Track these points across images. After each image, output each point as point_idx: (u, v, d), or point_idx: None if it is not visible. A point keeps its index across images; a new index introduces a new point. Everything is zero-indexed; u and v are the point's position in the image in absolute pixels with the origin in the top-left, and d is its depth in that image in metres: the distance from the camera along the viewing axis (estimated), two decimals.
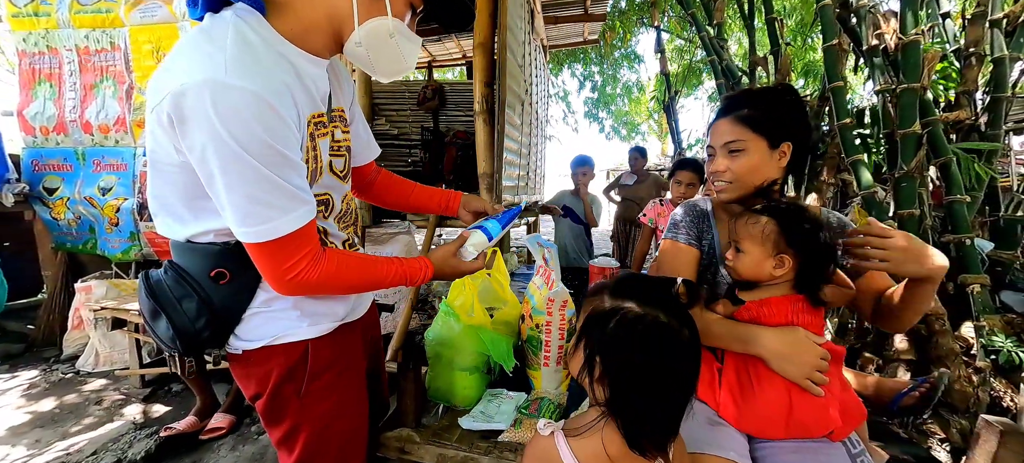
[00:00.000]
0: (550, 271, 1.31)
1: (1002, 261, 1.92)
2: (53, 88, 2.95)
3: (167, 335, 0.75)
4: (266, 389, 0.81)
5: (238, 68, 0.60)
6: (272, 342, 0.79)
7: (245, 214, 0.64)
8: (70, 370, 2.64)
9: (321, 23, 0.71)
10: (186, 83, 0.59)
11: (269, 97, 0.61)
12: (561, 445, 0.69)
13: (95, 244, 3.03)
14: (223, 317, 0.76)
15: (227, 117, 0.59)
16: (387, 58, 0.76)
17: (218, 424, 1.95)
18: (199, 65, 0.60)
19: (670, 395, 0.64)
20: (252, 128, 0.60)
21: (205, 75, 0.58)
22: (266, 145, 0.62)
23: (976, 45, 2.02)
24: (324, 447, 0.85)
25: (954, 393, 1.57)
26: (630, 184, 4.09)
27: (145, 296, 0.76)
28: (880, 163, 2.28)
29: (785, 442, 0.85)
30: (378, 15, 0.72)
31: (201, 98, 0.58)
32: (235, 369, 0.84)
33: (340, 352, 0.87)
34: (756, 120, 0.95)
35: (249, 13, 0.67)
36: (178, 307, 0.74)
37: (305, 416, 0.82)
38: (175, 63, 0.64)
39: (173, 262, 0.77)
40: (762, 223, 0.89)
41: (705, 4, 3.21)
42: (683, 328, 0.66)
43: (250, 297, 0.77)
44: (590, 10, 4.91)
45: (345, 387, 0.88)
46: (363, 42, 0.73)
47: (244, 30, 0.65)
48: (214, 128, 0.59)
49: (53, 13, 2.88)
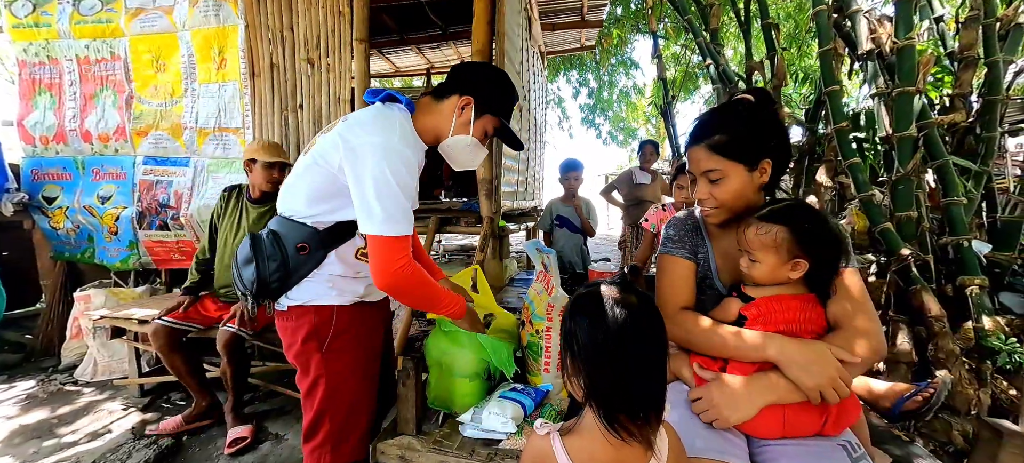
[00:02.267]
0: (550, 277, 1.31)
1: (1000, 263, 1.93)
2: (53, 98, 2.96)
3: (249, 279, 1.08)
4: (297, 340, 1.10)
5: (403, 139, 1.03)
6: (308, 302, 1.10)
7: (386, 218, 0.96)
8: (68, 380, 2.63)
9: (431, 130, 1.16)
10: (370, 140, 0.99)
11: (412, 158, 1.03)
12: (556, 445, 0.71)
13: (94, 253, 3.03)
14: (288, 277, 1.08)
15: (394, 164, 0.98)
16: (463, 159, 1.19)
17: (241, 435, 1.94)
18: (380, 132, 1.01)
19: (629, 362, 0.66)
20: (403, 173, 0.99)
21: (383, 139, 0.99)
22: (406, 184, 1.00)
23: (970, 48, 2.04)
24: (336, 405, 1.11)
25: (955, 395, 1.57)
26: (644, 183, 3.65)
27: (247, 248, 1.09)
28: (877, 166, 2.30)
29: (785, 444, 0.85)
30: (463, 134, 1.14)
31: (376, 149, 0.98)
32: (279, 322, 1.15)
33: (359, 321, 1.15)
34: (730, 147, 0.94)
35: (405, 113, 1.13)
36: (266, 261, 1.07)
37: (325, 369, 1.10)
38: (364, 125, 1.03)
39: (274, 231, 1.09)
40: (774, 231, 0.89)
41: (701, 10, 3.24)
42: (628, 294, 0.70)
43: (311, 268, 1.09)
44: (587, 17, 4.95)
45: (357, 350, 1.15)
46: (450, 147, 1.16)
47: (404, 122, 1.09)
48: (383, 167, 0.96)
49: (54, 23, 2.90)
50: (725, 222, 1.03)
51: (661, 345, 0.69)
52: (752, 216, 0.94)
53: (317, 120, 2.68)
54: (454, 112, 1.12)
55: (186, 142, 2.84)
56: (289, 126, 2.74)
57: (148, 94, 2.85)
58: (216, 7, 2.69)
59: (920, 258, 1.84)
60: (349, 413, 1.13)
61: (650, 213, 2.52)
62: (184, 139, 2.84)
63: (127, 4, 2.81)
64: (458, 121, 1.13)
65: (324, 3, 2.58)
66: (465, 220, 2.87)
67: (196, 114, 2.80)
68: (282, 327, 1.15)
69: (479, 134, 1.16)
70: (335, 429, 1.11)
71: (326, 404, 1.10)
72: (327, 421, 1.11)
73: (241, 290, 1.12)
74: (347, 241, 1.10)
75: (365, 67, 2.52)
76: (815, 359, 0.82)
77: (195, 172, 2.84)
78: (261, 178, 2.09)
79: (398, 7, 4.25)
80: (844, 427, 0.86)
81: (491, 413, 1.12)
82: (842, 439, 0.85)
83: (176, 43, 2.78)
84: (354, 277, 1.14)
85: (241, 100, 2.75)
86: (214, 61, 2.75)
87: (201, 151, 2.84)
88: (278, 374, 2.42)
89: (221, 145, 2.81)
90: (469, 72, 1.17)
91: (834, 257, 0.90)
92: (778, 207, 0.92)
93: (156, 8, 2.78)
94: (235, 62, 2.73)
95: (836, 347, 0.83)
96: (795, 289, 0.92)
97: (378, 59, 5.69)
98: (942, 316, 1.71)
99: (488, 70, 1.20)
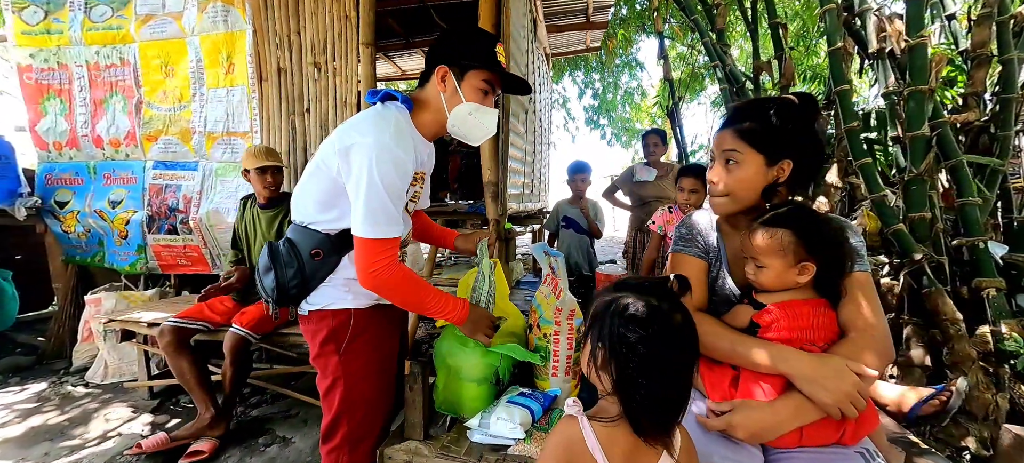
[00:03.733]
0: (557, 280, 1.30)
1: (1017, 264, 1.88)
2: (63, 103, 3.00)
3: (270, 286, 1.11)
4: (317, 343, 1.13)
5: (395, 138, 1.00)
6: (326, 306, 1.12)
7: (367, 219, 0.97)
8: (79, 382, 2.66)
9: (430, 121, 1.13)
10: (361, 141, 0.98)
11: (403, 158, 1.00)
12: (585, 427, 0.72)
13: (103, 257, 3.06)
14: (306, 283, 1.11)
15: (383, 164, 0.97)
16: (473, 129, 1.13)
17: (199, 448, 1.87)
18: (372, 131, 0.99)
19: (666, 375, 0.68)
20: (391, 173, 0.98)
21: (374, 138, 0.97)
22: (393, 185, 0.99)
23: (983, 46, 2.00)
24: (353, 406, 1.13)
25: (972, 400, 1.53)
26: (647, 180, 3.23)
27: (266, 256, 1.12)
28: (889, 166, 2.26)
29: (802, 453, 0.84)
30: (458, 104, 1.09)
31: (366, 149, 0.97)
32: (302, 325, 1.18)
33: (375, 324, 1.17)
34: (755, 134, 0.93)
35: (403, 110, 1.10)
36: (284, 269, 1.10)
37: (342, 371, 1.12)
38: (357, 125, 1.02)
39: (289, 239, 1.12)
40: (779, 235, 0.89)
41: (707, 10, 3.22)
42: (675, 312, 0.71)
43: (327, 273, 1.11)
44: (592, 18, 4.94)
45: (374, 351, 1.17)
46: (454, 124, 1.12)
47: (400, 120, 1.06)
48: (371, 167, 0.96)
49: (66, 31, 2.93)
50: (733, 217, 1.01)
51: (694, 358, 0.71)
52: (755, 222, 0.93)
53: (324, 124, 2.70)
54: (438, 89, 1.09)
55: (195, 146, 2.87)
56: (296, 130, 2.75)
57: (157, 99, 2.88)
58: (224, 12, 2.72)
59: (934, 260, 1.81)
60: (366, 413, 1.15)
61: (657, 215, 2.50)
62: (193, 143, 2.87)
63: (137, 11, 2.84)
64: (446, 96, 1.09)
65: (331, 8, 2.60)
66: (471, 223, 2.87)
67: (205, 118, 2.83)
68: (305, 331, 1.18)
69: (474, 96, 1.09)
70: (353, 429, 1.13)
71: (344, 405, 1.12)
72: (345, 422, 1.13)
73: (264, 297, 1.16)
74: None
75: (371, 71, 2.53)
76: (832, 375, 0.80)
77: (203, 176, 2.87)
78: (259, 185, 2.13)
79: (404, 11, 4.27)
80: (862, 437, 0.85)
81: (499, 418, 1.11)
82: (859, 446, 0.83)
83: (185, 49, 2.81)
84: None
85: (249, 104, 2.77)
86: (222, 66, 2.77)
87: (209, 155, 2.86)
88: (285, 377, 2.43)
89: (229, 149, 2.83)
90: (434, 46, 1.12)
91: (840, 257, 0.89)
92: (780, 211, 0.91)
93: (166, 14, 2.82)
94: (243, 67, 2.75)
95: (853, 361, 0.81)
96: (805, 294, 0.91)
97: (384, 63, 5.72)
98: (958, 319, 1.67)
99: (448, 32, 1.15)
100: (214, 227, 2.80)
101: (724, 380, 0.92)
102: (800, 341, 0.87)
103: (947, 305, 1.70)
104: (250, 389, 2.46)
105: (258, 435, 2.10)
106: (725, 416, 0.85)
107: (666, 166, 3.31)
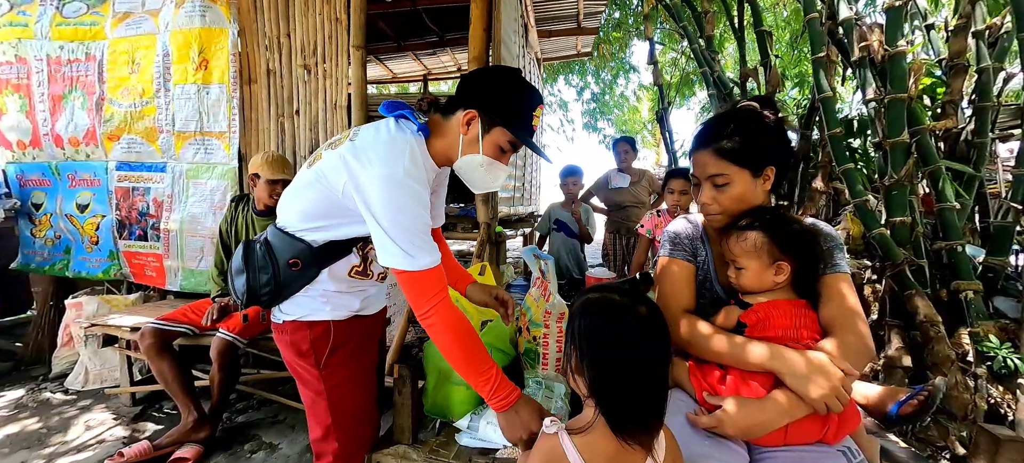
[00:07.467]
0: (547, 283, 1.31)
1: (994, 267, 1.94)
2: (23, 99, 2.81)
3: (240, 290, 1.06)
4: (293, 355, 1.09)
5: (408, 171, 0.95)
6: (303, 318, 1.07)
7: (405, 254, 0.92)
8: (59, 388, 2.59)
9: (442, 152, 1.07)
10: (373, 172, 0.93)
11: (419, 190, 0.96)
12: (565, 442, 0.72)
13: (67, 265, 2.89)
14: (280, 291, 1.05)
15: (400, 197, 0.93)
16: (479, 181, 1.07)
17: (183, 454, 1.83)
18: (386, 162, 0.94)
19: (637, 368, 0.69)
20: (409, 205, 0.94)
21: (388, 170, 0.93)
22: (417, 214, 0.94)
23: (960, 56, 2.07)
24: (341, 419, 1.10)
25: (952, 400, 1.57)
26: (622, 186, 3.39)
27: (240, 258, 1.07)
28: (871, 172, 2.32)
29: (785, 451, 0.85)
30: (473, 153, 1.03)
31: (381, 181, 0.92)
32: (276, 334, 1.13)
33: (355, 335, 1.13)
34: (737, 153, 0.95)
35: (420, 139, 1.03)
36: (256, 273, 1.04)
37: (325, 385, 1.09)
38: (369, 153, 0.96)
39: (268, 240, 1.06)
40: (751, 238, 0.94)
41: (696, 17, 3.27)
42: (639, 304, 0.72)
43: (303, 284, 1.05)
44: (583, 23, 5.00)
45: (356, 364, 1.14)
46: (462, 169, 1.07)
47: (415, 149, 0.99)
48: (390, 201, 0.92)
49: (31, 24, 2.77)
50: (726, 227, 1.04)
51: (666, 355, 0.71)
52: (729, 228, 0.98)
53: (313, 127, 2.68)
54: (460, 131, 1.01)
55: (162, 146, 2.68)
56: (285, 132, 2.73)
57: (119, 96, 2.67)
58: (204, 9, 2.59)
59: (914, 263, 1.85)
60: (354, 425, 1.13)
61: (645, 219, 2.53)
62: (159, 143, 2.68)
63: (115, 8, 2.72)
64: (465, 141, 1.02)
65: (321, 10, 2.59)
66: (462, 226, 2.86)
67: (171, 116, 2.64)
68: (278, 341, 1.13)
69: (491, 151, 1.02)
70: (343, 443, 1.11)
71: (330, 419, 1.10)
72: (333, 438, 1.10)
73: (234, 299, 1.12)
74: (341, 259, 1.06)
75: (362, 74, 2.52)
76: (817, 370, 0.82)
77: (174, 178, 2.70)
78: (264, 193, 2.08)
79: (395, 14, 4.27)
80: (844, 435, 0.87)
81: (488, 422, 1.11)
82: (841, 445, 0.85)
83: (154, 43, 2.65)
84: (348, 292, 1.11)
85: (228, 105, 2.63)
86: (192, 62, 2.60)
87: (179, 156, 2.69)
88: (272, 382, 2.39)
89: (202, 150, 2.67)
90: (473, 81, 1.04)
91: (813, 256, 0.94)
92: (750, 216, 0.96)
93: (144, 12, 2.69)
94: (223, 66, 2.61)
95: (838, 358, 0.84)
96: (787, 294, 0.95)
97: (375, 65, 5.71)
98: (937, 321, 1.72)
99: (494, 74, 1.07)
100: (189, 235, 2.66)
101: (712, 380, 0.93)
102: (784, 339, 0.90)
103: (927, 307, 1.74)
104: (236, 395, 2.42)
105: (244, 441, 2.06)
106: (715, 413, 0.87)
107: (638, 172, 3.47)
